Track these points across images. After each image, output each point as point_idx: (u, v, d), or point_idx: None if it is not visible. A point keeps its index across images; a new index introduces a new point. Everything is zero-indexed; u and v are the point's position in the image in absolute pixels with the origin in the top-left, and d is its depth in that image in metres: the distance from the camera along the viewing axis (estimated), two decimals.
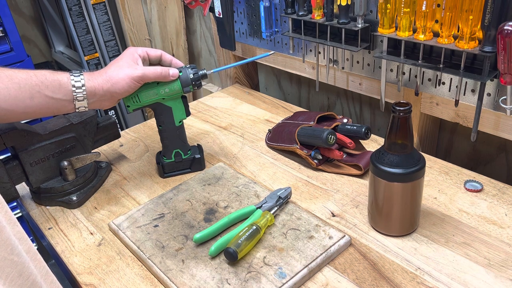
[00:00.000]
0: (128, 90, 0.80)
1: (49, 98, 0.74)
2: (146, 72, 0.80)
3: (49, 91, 0.74)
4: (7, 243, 0.49)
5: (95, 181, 0.92)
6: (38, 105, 0.74)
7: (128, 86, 0.79)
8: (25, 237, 0.54)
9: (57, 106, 0.76)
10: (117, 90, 0.79)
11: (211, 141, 1.07)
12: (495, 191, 0.81)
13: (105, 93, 0.78)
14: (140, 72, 0.79)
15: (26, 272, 0.51)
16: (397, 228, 0.73)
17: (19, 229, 0.53)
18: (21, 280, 0.50)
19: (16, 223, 0.53)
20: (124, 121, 1.99)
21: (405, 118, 0.64)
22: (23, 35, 2.04)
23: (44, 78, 0.74)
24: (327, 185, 0.87)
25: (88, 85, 0.77)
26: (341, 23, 0.91)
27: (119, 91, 0.79)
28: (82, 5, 1.73)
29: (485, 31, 0.72)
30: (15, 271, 0.50)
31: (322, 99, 1.33)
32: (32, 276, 0.52)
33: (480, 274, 0.65)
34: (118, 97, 0.81)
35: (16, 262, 0.50)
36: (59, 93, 0.75)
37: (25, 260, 0.51)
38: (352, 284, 0.65)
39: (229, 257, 0.68)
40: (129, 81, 0.79)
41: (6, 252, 0.49)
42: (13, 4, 1.98)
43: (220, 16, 1.16)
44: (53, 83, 0.74)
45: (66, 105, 0.77)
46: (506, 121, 0.81)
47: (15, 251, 0.50)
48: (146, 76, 0.80)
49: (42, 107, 0.74)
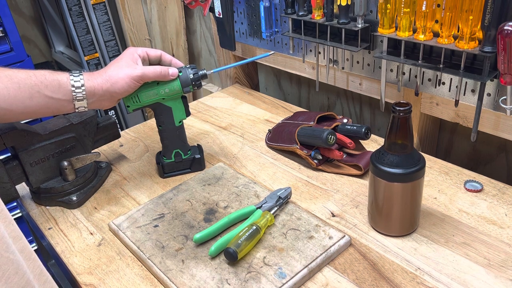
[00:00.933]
0: (128, 89, 0.80)
1: (49, 98, 0.74)
2: (146, 71, 0.80)
3: (48, 91, 0.74)
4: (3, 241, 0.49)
5: (95, 181, 0.92)
6: (38, 105, 0.74)
7: (128, 85, 0.79)
8: (20, 236, 0.54)
9: (57, 106, 0.76)
10: (116, 90, 0.78)
11: (211, 141, 1.07)
12: (495, 191, 0.81)
13: (104, 93, 0.78)
14: (139, 72, 0.79)
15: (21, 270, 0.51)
16: (397, 228, 0.73)
17: (14, 228, 0.53)
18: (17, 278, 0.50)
19: (11, 222, 0.53)
20: (124, 121, 1.98)
21: (405, 118, 0.64)
22: (23, 35, 2.04)
23: (44, 78, 0.74)
24: (327, 185, 0.87)
25: (88, 85, 0.77)
26: (341, 23, 0.91)
27: (119, 90, 0.79)
28: (82, 5, 1.73)
29: (485, 31, 0.72)
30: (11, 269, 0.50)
31: (322, 99, 1.33)
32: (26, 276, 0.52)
33: (480, 274, 0.65)
34: (117, 97, 0.81)
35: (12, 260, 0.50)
36: (58, 93, 0.75)
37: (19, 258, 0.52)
38: (352, 284, 0.65)
39: (229, 257, 0.68)
40: (128, 80, 0.79)
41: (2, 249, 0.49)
42: (13, 4, 1.98)
43: (220, 16, 1.16)
44: (52, 83, 0.74)
45: (65, 105, 0.77)
46: (506, 121, 0.81)
47: (10, 249, 0.50)
48: (145, 75, 0.80)
49: (41, 107, 0.74)
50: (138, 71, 0.79)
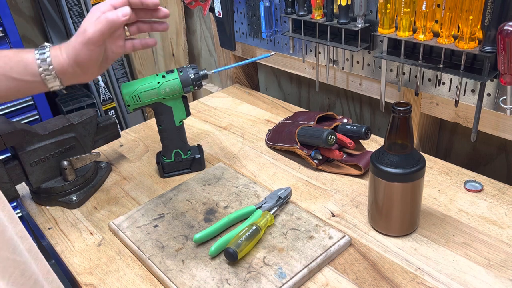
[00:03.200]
0: (93, 56, 0.68)
1: (17, 81, 0.67)
2: (93, 30, 0.66)
3: (14, 72, 0.67)
4: (10, 243, 0.49)
5: (95, 181, 0.92)
6: (7, 89, 0.68)
7: (90, 52, 0.67)
8: (26, 236, 0.54)
9: (29, 88, 0.69)
10: (83, 62, 0.68)
11: (211, 141, 1.07)
12: (495, 191, 0.81)
13: (75, 70, 0.69)
14: (88, 35, 0.66)
15: (29, 271, 0.51)
16: (397, 228, 0.73)
17: (20, 228, 0.53)
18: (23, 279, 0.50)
19: (17, 221, 0.53)
20: (124, 121, 1.98)
21: (405, 118, 0.64)
22: (23, 35, 2.03)
23: (8, 59, 0.67)
24: (327, 185, 0.87)
25: (55, 62, 0.68)
26: (341, 23, 0.91)
27: (86, 61, 0.68)
28: (82, 5, 1.73)
29: (485, 31, 0.72)
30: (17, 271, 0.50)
31: (322, 99, 1.33)
32: (34, 276, 0.52)
33: (480, 274, 0.65)
34: (91, 68, 0.70)
35: (19, 261, 0.50)
36: (26, 75, 0.67)
37: (26, 259, 0.51)
38: (352, 284, 0.65)
39: (229, 257, 0.68)
40: (85, 48, 0.67)
41: (8, 252, 0.49)
42: (13, 4, 1.98)
43: (220, 16, 1.16)
44: (18, 64, 0.67)
45: (38, 86, 0.69)
46: (506, 121, 0.81)
47: (17, 251, 0.50)
48: (94, 36, 0.66)
49: (11, 90, 0.68)
50: (86, 35, 0.66)
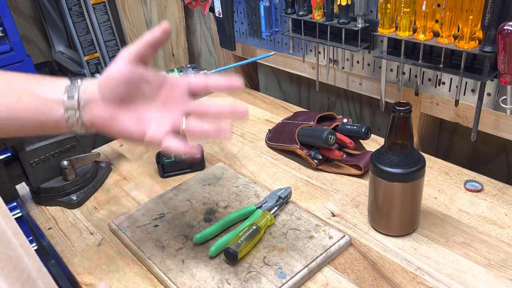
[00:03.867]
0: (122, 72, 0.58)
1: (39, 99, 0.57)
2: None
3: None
4: (3, 237, 0.50)
5: (95, 181, 0.92)
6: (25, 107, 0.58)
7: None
8: (19, 231, 0.54)
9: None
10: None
11: (211, 141, 1.07)
12: (495, 191, 0.81)
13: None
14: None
15: (21, 266, 0.52)
16: (397, 228, 0.72)
17: (13, 224, 0.53)
18: (16, 273, 0.51)
19: (10, 217, 0.53)
20: None
21: (405, 118, 0.64)
22: (23, 35, 2.04)
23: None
24: (327, 185, 0.87)
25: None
26: (341, 23, 0.91)
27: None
28: (82, 5, 1.73)
29: (485, 31, 0.72)
30: (10, 265, 0.50)
31: (322, 99, 1.33)
32: (27, 270, 0.52)
33: (480, 274, 0.65)
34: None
35: (11, 256, 0.50)
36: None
37: (19, 254, 0.52)
38: (352, 284, 0.65)
39: (229, 257, 0.68)
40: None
41: (1, 246, 0.49)
42: (13, 4, 1.98)
43: (220, 16, 1.16)
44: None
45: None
46: (506, 121, 0.81)
47: (11, 245, 0.50)
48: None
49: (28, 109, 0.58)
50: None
